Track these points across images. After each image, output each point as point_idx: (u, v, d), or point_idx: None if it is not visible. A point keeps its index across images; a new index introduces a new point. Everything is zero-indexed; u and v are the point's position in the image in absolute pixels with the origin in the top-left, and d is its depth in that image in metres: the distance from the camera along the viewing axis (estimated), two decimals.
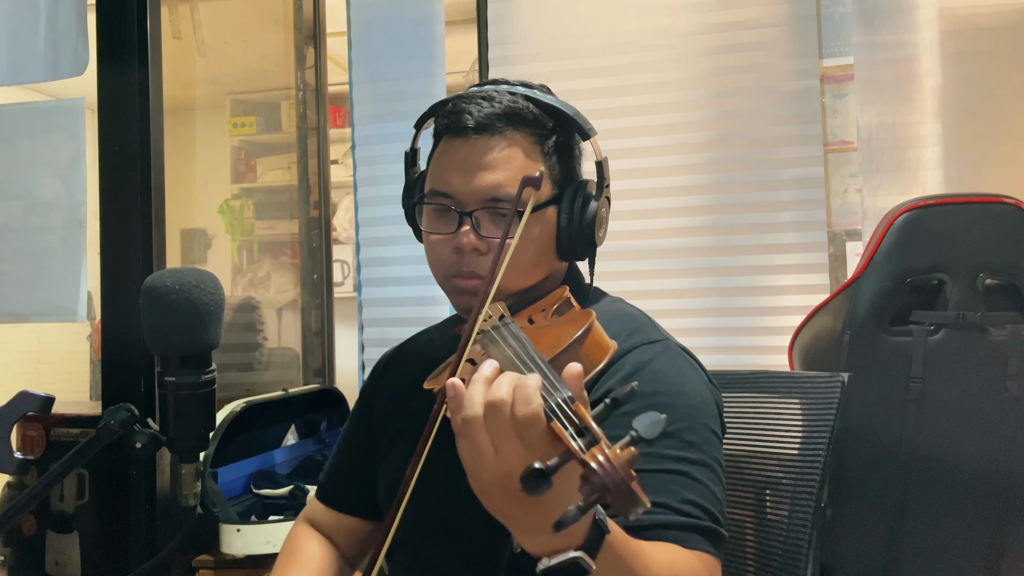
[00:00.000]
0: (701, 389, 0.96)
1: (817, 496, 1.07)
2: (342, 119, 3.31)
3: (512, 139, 0.98)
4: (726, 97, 2.10)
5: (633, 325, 1.00)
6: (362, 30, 2.34)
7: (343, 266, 3.35)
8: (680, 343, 1.02)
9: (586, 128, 1.02)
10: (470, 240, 0.97)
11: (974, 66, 1.98)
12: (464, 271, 0.99)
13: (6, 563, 1.75)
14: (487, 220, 0.98)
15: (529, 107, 1.00)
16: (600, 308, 1.05)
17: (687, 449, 0.89)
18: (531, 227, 0.98)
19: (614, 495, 0.55)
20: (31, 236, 1.70)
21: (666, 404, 0.91)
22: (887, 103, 2.00)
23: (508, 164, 0.98)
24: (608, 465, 0.55)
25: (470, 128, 0.98)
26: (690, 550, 0.83)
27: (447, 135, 1.01)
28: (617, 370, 0.94)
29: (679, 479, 0.87)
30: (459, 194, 0.98)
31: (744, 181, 2.07)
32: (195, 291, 0.86)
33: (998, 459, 1.46)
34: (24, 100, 1.80)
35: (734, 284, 2.06)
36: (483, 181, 0.97)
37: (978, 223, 1.51)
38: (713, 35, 2.11)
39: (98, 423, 0.86)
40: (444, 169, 1.01)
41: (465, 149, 0.99)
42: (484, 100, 0.99)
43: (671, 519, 0.84)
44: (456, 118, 0.99)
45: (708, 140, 2.10)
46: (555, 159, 1.02)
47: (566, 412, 0.63)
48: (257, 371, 2.34)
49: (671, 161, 2.10)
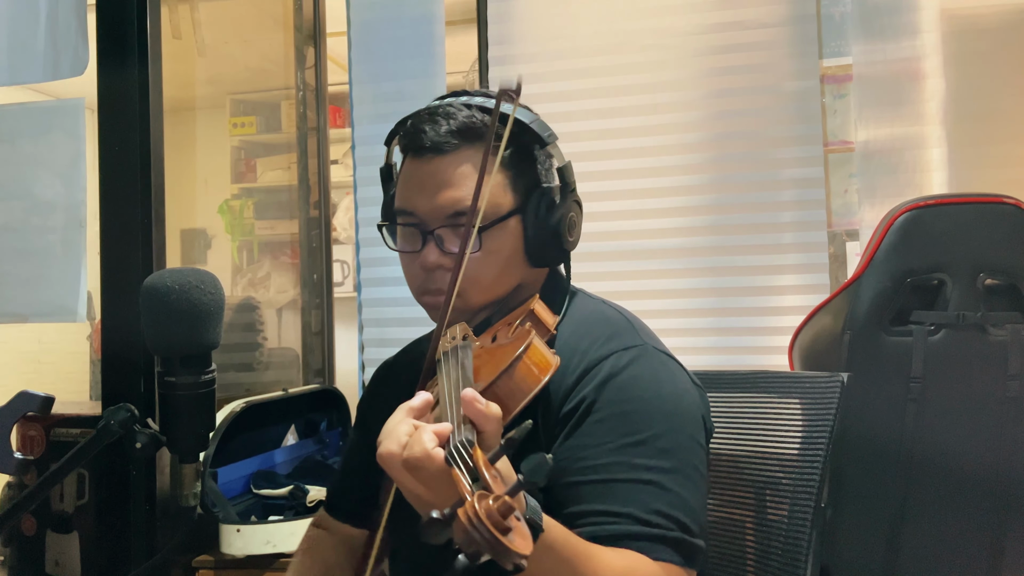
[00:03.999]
0: (679, 394, 0.95)
1: (817, 496, 1.07)
2: (342, 119, 3.31)
3: (467, 155, 0.99)
4: (725, 97, 2.10)
5: (611, 330, 0.99)
6: (362, 30, 2.34)
7: (343, 266, 3.35)
8: (661, 346, 1.00)
9: (544, 136, 1.02)
10: (434, 259, 1.00)
11: (974, 67, 1.98)
12: (431, 288, 1.02)
13: (6, 563, 1.75)
14: (450, 236, 1.00)
15: (484, 120, 1.00)
16: (577, 314, 1.04)
17: (660, 457, 0.88)
18: (492, 241, 0.99)
19: (485, 549, 0.55)
20: (31, 236, 1.70)
21: (640, 411, 0.90)
22: (886, 104, 2.00)
23: (465, 179, 0.98)
24: (476, 520, 0.55)
25: (427, 148, 1.00)
26: (655, 561, 0.83)
27: (408, 155, 1.03)
28: (593, 377, 0.93)
29: (647, 488, 0.86)
30: (422, 213, 1.00)
31: (743, 181, 2.07)
32: (195, 291, 0.86)
33: (998, 459, 1.46)
34: (24, 100, 1.80)
35: (734, 284, 2.06)
36: (443, 199, 0.99)
37: (978, 223, 1.51)
38: (713, 35, 2.11)
39: (98, 423, 0.86)
40: (407, 189, 1.03)
41: (425, 169, 1.00)
42: (441, 117, 1.00)
43: (636, 530, 0.84)
44: (413, 138, 1.01)
45: (707, 140, 2.10)
46: (517, 168, 1.02)
47: (463, 457, 0.64)
48: (257, 371, 2.34)
49: (670, 161, 2.09)
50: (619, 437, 0.89)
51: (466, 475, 0.62)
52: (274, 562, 1.64)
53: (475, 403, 0.71)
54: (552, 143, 1.02)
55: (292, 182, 2.52)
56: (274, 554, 1.64)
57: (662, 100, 2.12)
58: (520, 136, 1.02)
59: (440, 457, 0.68)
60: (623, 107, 2.13)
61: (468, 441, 0.66)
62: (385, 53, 2.32)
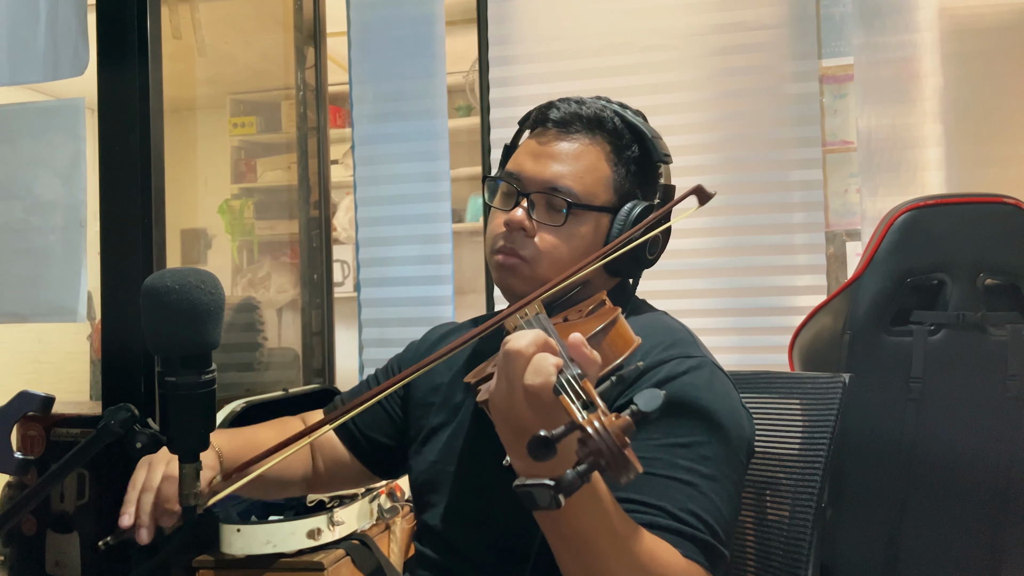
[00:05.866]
0: (729, 411, 0.96)
1: (817, 496, 1.07)
2: (342, 119, 3.31)
3: (588, 140, 1.04)
4: (725, 99, 2.10)
5: (674, 338, 1.01)
6: (362, 30, 2.34)
7: (343, 266, 3.35)
8: (719, 365, 1.01)
9: (661, 153, 1.07)
10: (519, 217, 1.02)
11: (974, 66, 1.98)
12: (506, 247, 1.03)
13: (6, 563, 1.75)
14: (542, 206, 1.03)
15: (614, 118, 1.06)
16: (642, 319, 1.07)
17: (701, 463, 0.89)
18: (577, 224, 1.03)
19: (607, 458, 0.60)
20: (31, 236, 1.70)
21: (691, 416, 0.91)
22: (887, 103, 2.00)
23: (576, 161, 1.03)
24: (603, 431, 0.60)
25: (552, 120, 1.05)
26: (682, 556, 0.83)
27: (535, 128, 1.08)
28: (651, 377, 0.94)
29: (685, 488, 0.87)
30: (524, 176, 1.04)
31: (743, 182, 2.07)
32: (195, 291, 0.86)
33: (998, 459, 1.46)
34: (24, 100, 1.80)
35: (733, 284, 2.06)
36: (547, 169, 1.03)
37: (978, 223, 1.51)
38: (713, 36, 2.11)
39: (98, 423, 0.86)
40: (520, 154, 1.08)
41: (543, 139, 1.06)
42: (575, 102, 1.07)
43: (668, 523, 0.85)
44: (544, 112, 1.07)
45: (707, 142, 2.10)
46: (625, 171, 1.06)
47: (574, 387, 0.67)
48: (257, 371, 2.34)
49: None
50: (666, 436, 0.90)
51: (576, 402, 0.65)
52: (274, 562, 1.64)
53: (582, 347, 0.73)
54: (665, 163, 1.07)
55: (292, 182, 2.51)
56: (274, 554, 1.64)
57: (661, 102, 2.13)
58: (641, 145, 1.07)
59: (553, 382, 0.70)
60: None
61: (579, 375, 0.69)
62: (385, 53, 2.32)
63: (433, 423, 1.12)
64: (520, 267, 1.03)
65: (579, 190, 1.02)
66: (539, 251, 1.02)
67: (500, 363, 0.74)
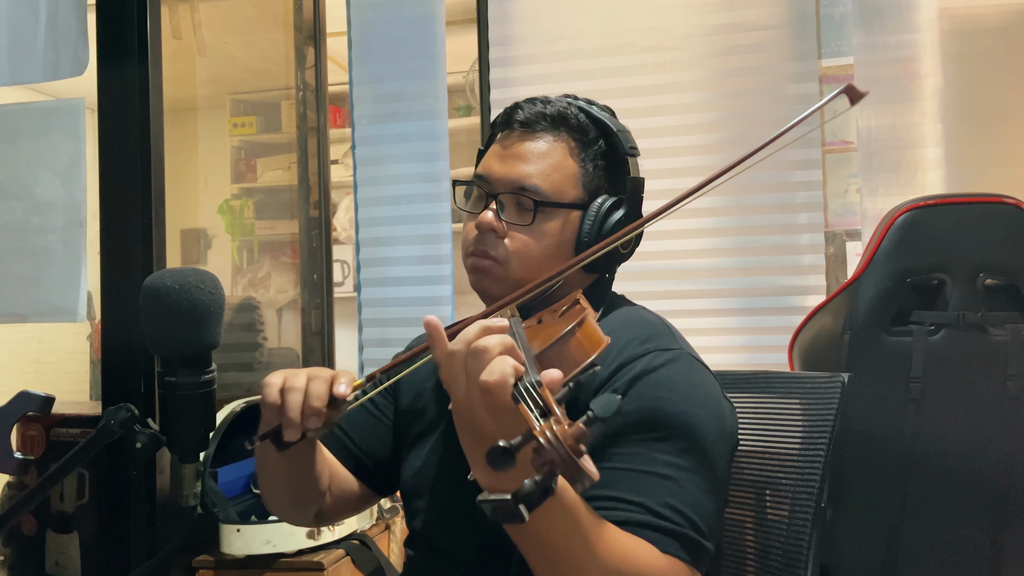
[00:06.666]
0: (708, 402, 0.95)
1: (817, 496, 1.07)
2: (342, 119, 3.31)
3: (553, 138, 1.05)
4: (726, 99, 2.10)
5: (650, 332, 1.01)
6: (362, 30, 2.34)
7: (343, 266, 3.35)
8: (697, 355, 1.02)
9: (627, 146, 1.07)
10: (488, 219, 1.03)
11: (974, 66, 1.98)
12: (478, 249, 1.04)
13: (6, 563, 1.75)
14: (511, 207, 1.04)
15: (578, 115, 1.06)
16: (619, 314, 1.06)
17: (680, 456, 0.89)
18: (546, 221, 1.03)
19: (560, 467, 0.59)
20: (31, 236, 1.70)
21: (668, 410, 0.91)
22: (887, 103, 2.00)
23: (542, 159, 1.03)
24: (555, 440, 0.59)
25: (517, 121, 1.05)
26: (662, 553, 0.83)
27: (502, 130, 1.08)
28: (627, 372, 0.94)
29: (664, 483, 0.87)
30: (492, 178, 1.05)
31: (742, 182, 2.07)
32: (195, 291, 0.86)
33: (998, 459, 1.46)
34: (24, 100, 1.80)
35: (733, 285, 2.06)
36: (514, 170, 1.03)
37: (978, 223, 1.51)
38: (713, 37, 2.11)
39: (98, 423, 0.86)
40: (488, 157, 1.08)
41: (508, 140, 1.06)
42: (540, 102, 1.07)
43: (646, 519, 0.85)
44: (509, 114, 1.07)
45: (707, 142, 2.10)
46: (593, 166, 1.06)
47: (532, 394, 0.67)
48: (257, 371, 2.34)
49: (669, 163, 2.10)
50: (644, 431, 0.90)
51: (534, 411, 0.65)
52: (274, 562, 1.64)
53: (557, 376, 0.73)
54: (632, 156, 1.07)
55: (292, 182, 2.52)
56: (274, 554, 1.64)
57: (661, 102, 2.13)
58: (607, 140, 1.07)
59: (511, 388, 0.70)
60: (622, 109, 2.09)
61: (537, 382, 0.69)
62: (385, 53, 2.32)
63: (419, 429, 1.12)
64: (493, 268, 1.03)
65: (546, 188, 1.02)
66: (510, 251, 1.02)
67: (465, 360, 0.75)
